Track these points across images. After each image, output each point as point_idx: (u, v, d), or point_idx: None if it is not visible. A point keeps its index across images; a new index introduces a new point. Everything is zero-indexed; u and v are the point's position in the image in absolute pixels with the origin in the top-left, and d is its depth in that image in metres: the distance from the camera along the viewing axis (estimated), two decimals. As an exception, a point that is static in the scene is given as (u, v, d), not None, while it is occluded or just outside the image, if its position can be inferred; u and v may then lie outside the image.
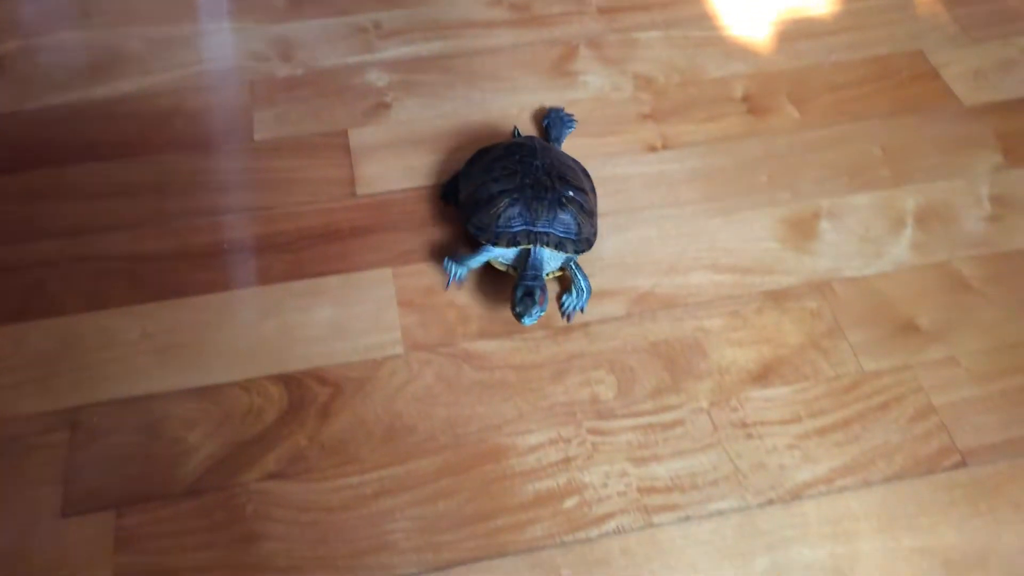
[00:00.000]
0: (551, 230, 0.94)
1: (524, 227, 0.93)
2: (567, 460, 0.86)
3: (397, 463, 0.86)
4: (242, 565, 0.79)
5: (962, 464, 0.85)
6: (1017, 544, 0.80)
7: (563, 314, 0.96)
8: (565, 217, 0.94)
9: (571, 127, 1.12)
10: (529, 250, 0.94)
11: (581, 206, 0.96)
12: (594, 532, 0.81)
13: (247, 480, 0.85)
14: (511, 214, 0.94)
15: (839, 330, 0.95)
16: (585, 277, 0.96)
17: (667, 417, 0.89)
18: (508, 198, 0.95)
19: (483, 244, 0.95)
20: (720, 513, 0.82)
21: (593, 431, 0.88)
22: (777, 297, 0.98)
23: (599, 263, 1.00)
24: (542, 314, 0.90)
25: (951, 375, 0.91)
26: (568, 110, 1.13)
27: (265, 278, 0.98)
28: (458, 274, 0.97)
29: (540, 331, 0.95)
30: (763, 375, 0.92)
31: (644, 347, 0.94)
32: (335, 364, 0.93)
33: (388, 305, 0.97)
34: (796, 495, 0.83)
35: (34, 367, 0.91)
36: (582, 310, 0.96)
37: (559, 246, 0.93)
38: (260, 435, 0.88)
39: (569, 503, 0.83)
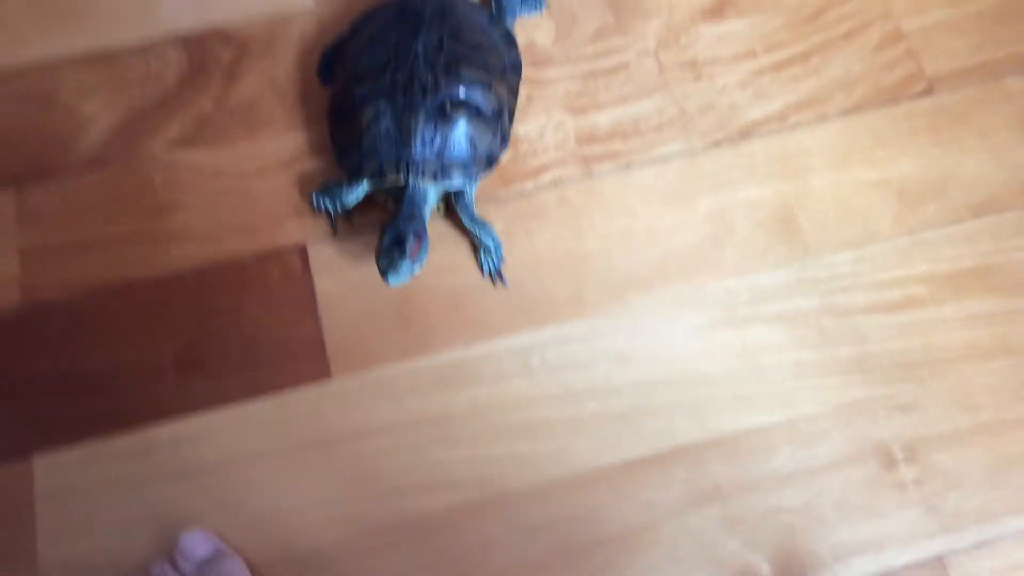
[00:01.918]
0: (427, 154, 0.69)
1: (392, 152, 0.69)
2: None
3: (316, 124, 0.79)
4: (156, 235, 0.75)
5: (928, 92, 0.79)
6: (978, 170, 0.76)
7: (487, 276, 0.73)
8: (451, 131, 0.69)
9: (537, 8, 0.82)
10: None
11: (477, 110, 0.70)
12: (529, 185, 0.76)
13: (152, 149, 0.78)
14: (376, 132, 0.69)
15: (804, -47, 0.84)
16: (483, 226, 0.72)
17: (610, 62, 0.81)
18: (372, 108, 0.69)
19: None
20: (663, 158, 0.77)
21: (527, 80, 0.81)
22: (736, -79, 0.86)
23: None
24: (415, 271, 0.66)
25: (924, -2, 0.83)
26: None
27: (148, -74, 0.86)
28: (334, 210, 0.73)
29: (467, -28, 0.84)
30: (717, 9, 0.83)
31: (586, -14, 0.84)
32: (238, 21, 0.83)
33: (292, -49, 0.85)
34: (745, 134, 0.78)
35: None
36: (503, 260, 0.73)
37: (440, 174, 0.69)
38: (161, 101, 0.80)
39: (502, 157, 0.77)
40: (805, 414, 0.68)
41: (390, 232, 0.67)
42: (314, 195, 0.73)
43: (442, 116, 0.69)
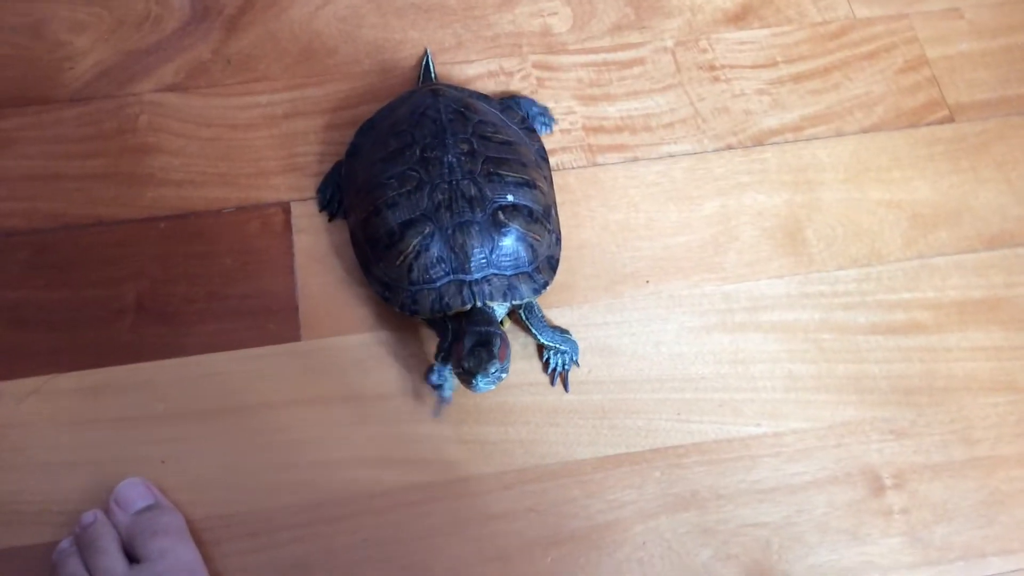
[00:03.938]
0: (490, 273, 0.63)
1: (450, 278, 0.63)
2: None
3: (313, 84, 0.79)
4: (133, 176, 0.74)
5: (949, 120, 0.79)
6: (995, 202, 0.75)
7: (554, 379, 0.67)
8: (508, 242, 0.64)
9: (547, 130, 0.77)
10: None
11: (529, 212, 0.65)
12: (530, 168, 0.75)
13: (141, 90, 0.77)
14: (427, 261, 0.63)
15: (834, -30, 0.85)
16: (563, 337, 0.66)
17: (625, 55, 0.81)
18: (417, 236, 0.63)
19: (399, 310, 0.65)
20: (671, 156, 0.77)
21: (540, 65, 0.80)
22: (768, -69, 0.87)
23: None
24: (503, 377, 0.61)
25: (951, 26, 0.83)
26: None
27: None
28: (443, 390, 0.65)
29: (489, -49, 0.85)
30: (740, 16, 0.83)
31: (608, -20, 0.85)
32: (248, -26, 0.83)
33: (312, -91, 0.85)
34: (758, 141, 0.77)
35: None
36: (576, 364, 0.67)
37: (509, 292, 0.64)
38: (157, 45, 0.80)
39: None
40: (793, 429, 0.66)
41: (471, 337, 0.60)
42: (436, 375, 0.64)
43: (496, 227, 0.63)
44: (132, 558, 0.57)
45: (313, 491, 0.63)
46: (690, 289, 0.71)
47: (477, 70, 0.80)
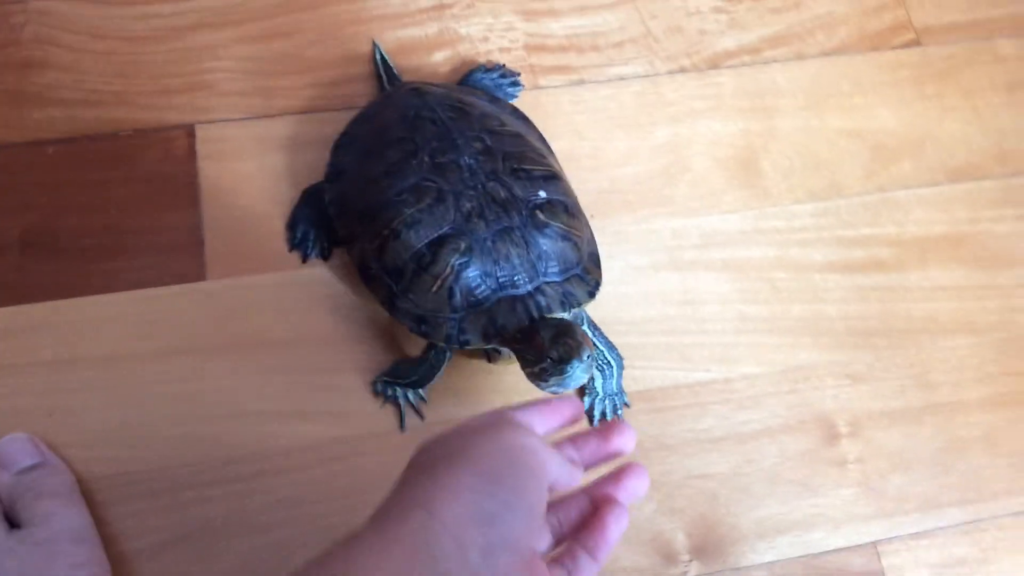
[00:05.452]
0: (541, 282, 0.55)
1: (499, 295, 0.55)
2: (441, 7, 0.73)
3: (224, -8, 0.71)
4: (17, 94, 0.67)
5: (915, 43, 0.75)
6: (960, 132, 0.72)
7: (595, 418, 0.60)
8: (553, 244, 0.56)
9: (516, 94, 0.70)
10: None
11: (565, 207, 0.58)
12: (465, 84, 0.70)
13: (25, -4, 0.69)
14: (470, 280, 0.55)
15: None
16: (605, 341, 0.60)
17: (571, -34, 0.75)
18: (453, 254, 0.54)
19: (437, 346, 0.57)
20: (620, 79, 0.71)
21: (475, -25, 0.74)
22: None
23: None
24: (594, 365, 0.54)
25: (922, -57, 0.78)
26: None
27: None
28: (408, 399, 0.60)
29: None
30: (696, -74, 0.77)
31: None
32: None
33: None
34: (714, 64, 0.72)
35: None
36: (627, 405, 0.61)
37: (566, 299, 0.55)
38: (44, -56, 0.71)
39: (439, 57, 0.71)
40: (744, 374, 0.63)
41: (547, 329, 0.52)
42: (381, 386, 0.59)
43: (538, 229, 0.55)
44: (13, 522, 0.52)
45: (222, 446, 0.58)
46: (637, 224, 0.67)
47: (407, -18, 0.73)
